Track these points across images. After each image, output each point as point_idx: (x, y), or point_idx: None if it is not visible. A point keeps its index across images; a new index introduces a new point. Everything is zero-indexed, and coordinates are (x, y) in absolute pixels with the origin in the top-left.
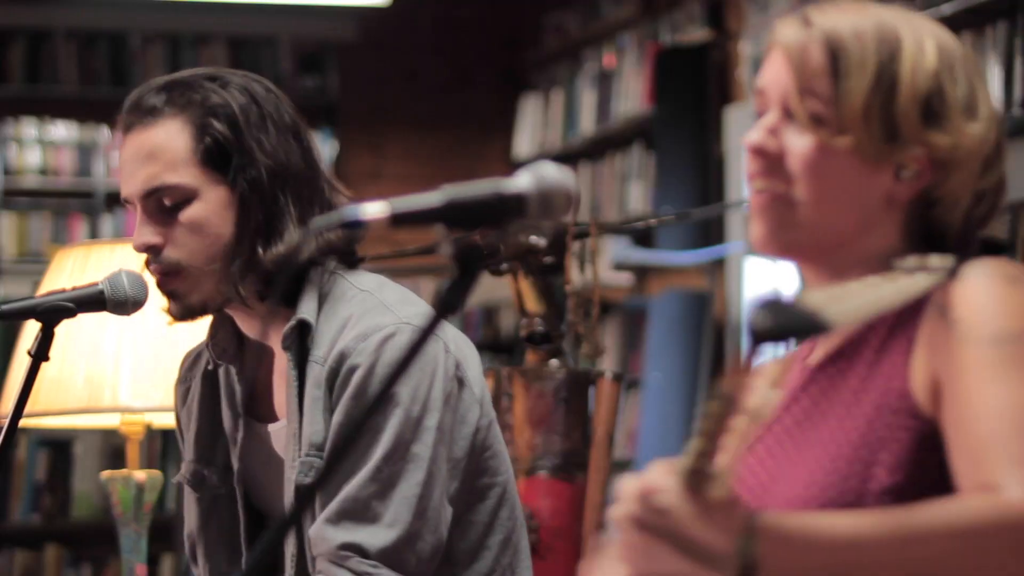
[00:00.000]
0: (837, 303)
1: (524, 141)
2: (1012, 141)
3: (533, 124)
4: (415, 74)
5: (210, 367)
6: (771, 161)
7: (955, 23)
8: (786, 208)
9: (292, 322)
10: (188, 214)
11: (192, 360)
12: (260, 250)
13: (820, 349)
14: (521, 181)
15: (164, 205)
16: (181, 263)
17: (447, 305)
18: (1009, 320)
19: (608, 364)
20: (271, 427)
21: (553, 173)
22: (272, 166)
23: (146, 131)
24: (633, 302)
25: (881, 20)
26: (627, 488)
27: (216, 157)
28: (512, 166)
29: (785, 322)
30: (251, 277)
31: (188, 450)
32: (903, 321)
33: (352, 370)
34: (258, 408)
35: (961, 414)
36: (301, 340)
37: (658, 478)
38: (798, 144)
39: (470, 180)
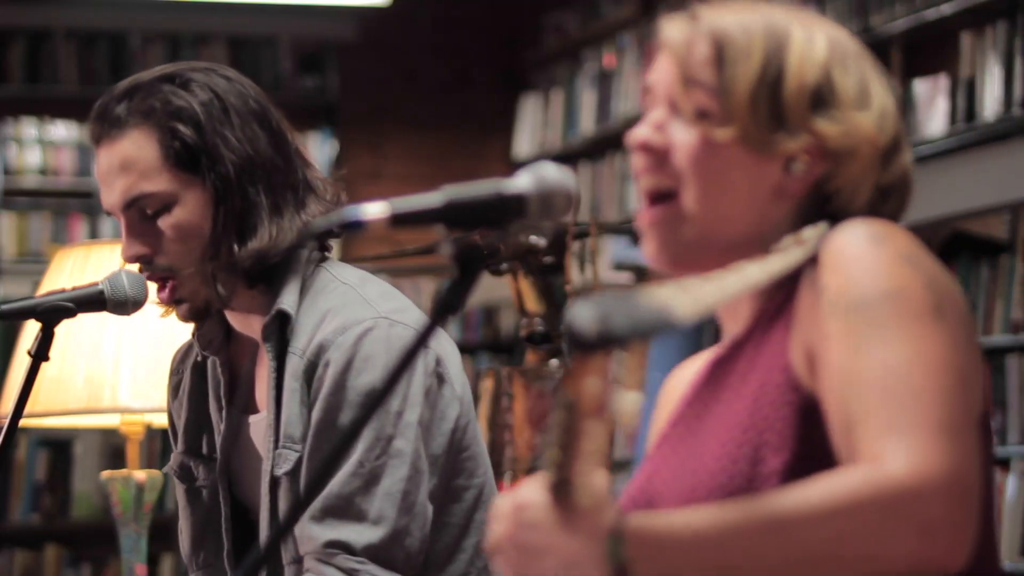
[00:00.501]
0: (685, 293)
1: (524, 141)
2: (1012, 141)
3: (533, 124)
4: (415, 74)
5: (199, 359)
6: (657, 157)
7: (955, 23)
8: (675, 222)
9: (272, 313)
10: (171, 220)
11: (184, 352)
12: (235, 247)
13: (728, 335)
14: (521, 181)
15: (146, 214)
16: (174, 268)
17: (447, 305)
18: (871, 282)
19: None
20: (252, 419)
21: (553, 173)
22: (237, 160)
23: (114, 144)
24: None
25: (771, 16)
26: (500, 507)
27: (186, 159)
28: (512, 166)
29: (614, 325)
30: (227, 274)
31: (177, 442)
32: (788, 297)
33: (329, 364)
34: (243, 399)
35: (832, 386)
36: (281, 331)
37: (528, 494)
38: (683, 138)
39: (470, 180)
